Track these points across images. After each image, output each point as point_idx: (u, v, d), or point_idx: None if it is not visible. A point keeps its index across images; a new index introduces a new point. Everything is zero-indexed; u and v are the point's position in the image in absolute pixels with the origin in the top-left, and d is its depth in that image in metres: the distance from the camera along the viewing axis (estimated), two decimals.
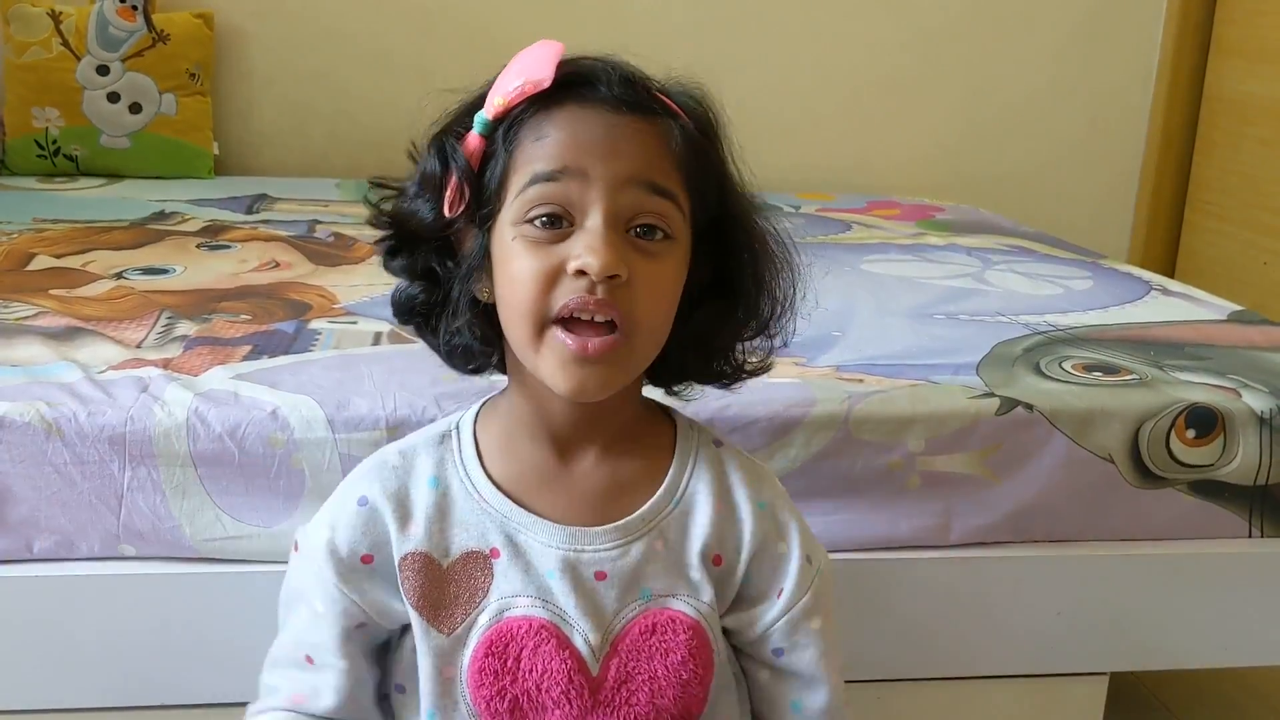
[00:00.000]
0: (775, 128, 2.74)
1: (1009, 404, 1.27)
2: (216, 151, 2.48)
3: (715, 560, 0.90)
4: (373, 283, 1.61)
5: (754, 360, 0.94)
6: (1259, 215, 2.71)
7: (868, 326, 1.54)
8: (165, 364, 1.24)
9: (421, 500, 0.88)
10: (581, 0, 2.66)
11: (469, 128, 0.85)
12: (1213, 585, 1.33)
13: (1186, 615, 1.33)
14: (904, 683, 1.31)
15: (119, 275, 1.61)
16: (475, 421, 0.92)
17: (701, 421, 0.97)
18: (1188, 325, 1.64)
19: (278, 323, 1.41)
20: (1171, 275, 2.82)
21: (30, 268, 1.64)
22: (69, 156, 2.35)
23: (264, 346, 1.31)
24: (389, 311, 0.93)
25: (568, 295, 0.79)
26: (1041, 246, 2.16)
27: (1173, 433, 1.29)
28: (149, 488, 1.12)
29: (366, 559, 0.88)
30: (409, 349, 1.31)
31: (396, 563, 0.87)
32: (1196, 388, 1.34)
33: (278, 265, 1.72)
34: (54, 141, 2.34)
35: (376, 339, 1.36)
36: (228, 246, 1.82)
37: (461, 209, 0.84)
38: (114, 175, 2.37)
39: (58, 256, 1.69)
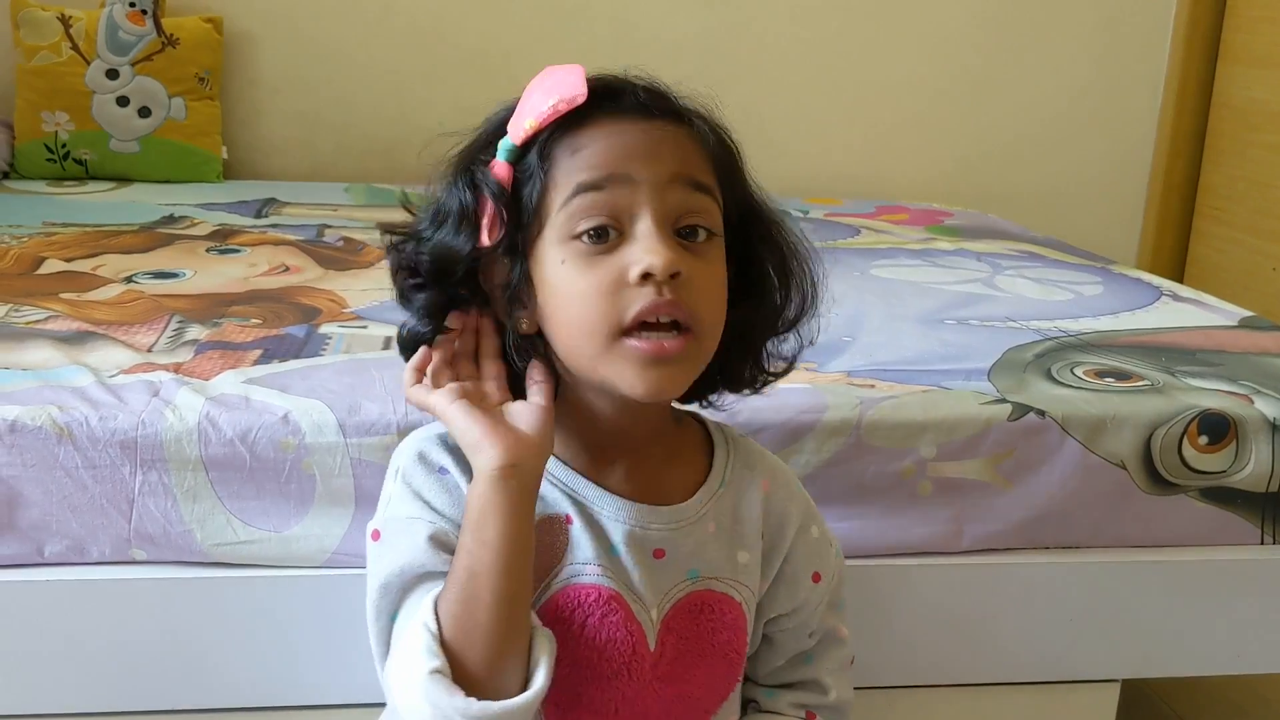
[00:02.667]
0: (782, 136, 2.74)
1: (1021, 410, 1.26)
2: (225, 156, 2.49)
3: (764, 537, 0.93)
4: (382, 287, 1.60)
5: (779, 365, 0.96)
6: (1267, 222, 2.71)
7: (878, 332, 1.53)
8: (176, 368, 1.24)
9: None
10: (588, 9, 2.66)
11: (490, 157, 0.84)
12: (1225, 592, 1.32)
13: (1198, 622, 1.32)
14: (915, 689, 1.30)
15: (129, 279, 1.61)
16: None
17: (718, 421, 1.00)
18: (1199, 331, 1.64)
19: (288, 327, 1.41)
20: (1180, 282, 2.81)
21: (40, 271, 1.64)
22: (78, 160, 2.36)
23: (274, 351, 1.31)
24: (399, 316, 0.92)
25: (638, 302, 0.80)
26: (1051, 252, 2.15)
27: (1185, 439, 1.29)
28: (160, 492, 1.12)
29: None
30: None
31: None
32: (1209, 394, 1.34)
33: (287, 269, 1.72)
34: (63, 145, 2.35)
35: (387, 344, 1.36)
36: (237, 250, 1.83)
37: (500, 235, 0.83)
38: (123, 179, 2.38)
39: (67, 260, 1.69)
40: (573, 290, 0.81)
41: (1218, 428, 1.30)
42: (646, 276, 0.79)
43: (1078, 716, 1.35)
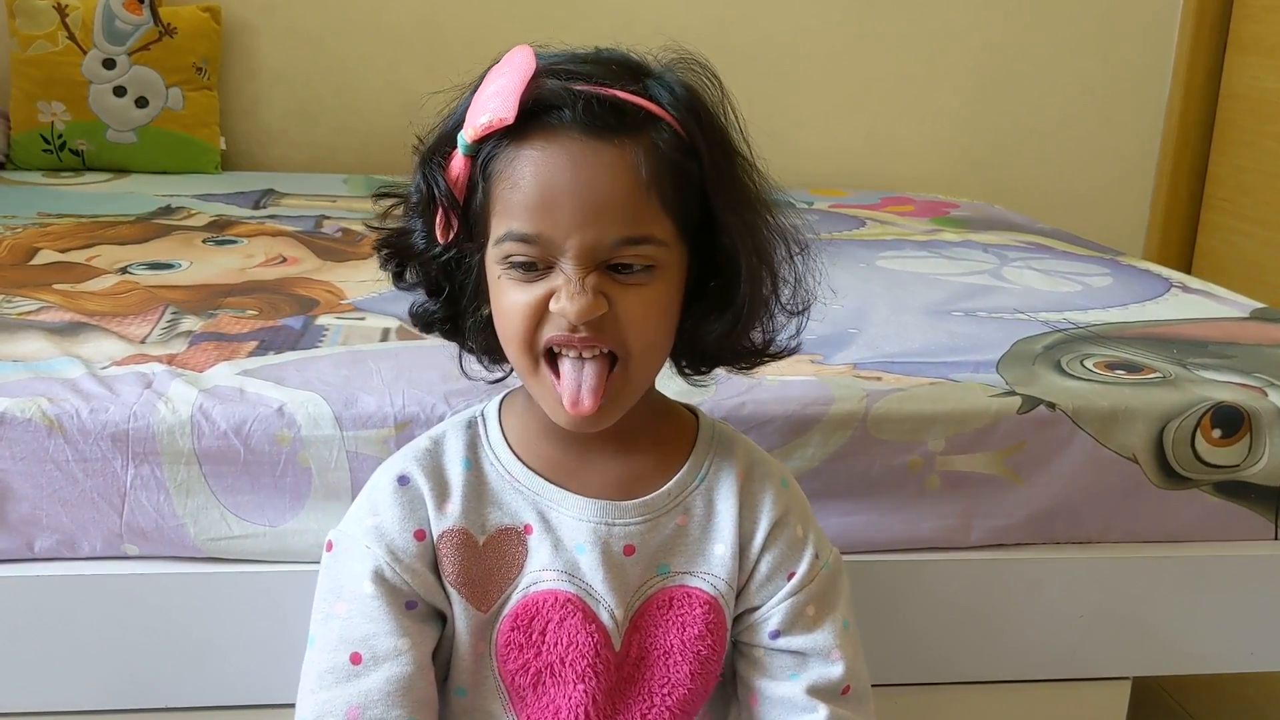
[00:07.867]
0: (787, 127, 2.72)
1: (1031, 402, 1.24)
2: (223, 146, 2.47)
3: (739, 532, 0.91)
4: (380, 278, 1.57)
5: (770, 348, 0.94)
6: (1277, 213, 2.68)
7: (885, 324, 1.51)
8: (170, 360, 1.21)
9: (457, 479, 0.89)
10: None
11: (455, 144, 0.84)
12: (1237, 588, 1.30)
13: (1211, 619, 1.30)
14: (923, 687, 1.28)
15: (124, 270, 1.59)
16: (499, 410, 0.94)
17: (717, 419, 0.97)
18: (1210, 323, 1.61)
19: (284, 318, 1.39)
20: (1189, 274, 2.79)
21: (34, 262, 1.61)
22: (75, 151, 2.33)
23: (270, 342, 1.29)
24: (397, 308, 0.92)
25: (553, 330, 0.81)
26: (1058, 244, 2.13)
27: (1198, 432, 1.26)
28: (153, 486, 1.10)
29: (419, 535, 0.88)
30: (417, 345, 1.29)
31: (435, 540, 0.88)
32: (1222, 386, 1.31)
33: (285, 260, 1.70)
34: (60, 136, 2.33)
35: (385, 335, 1.34)
36: (234, 241, 1.80)
37: (453, 235, 0.85)
38: (120, 170, 2.36)
39: (62, 251, 1.67)
40: (504, 303, 0.83)
41: (1231, 420, 1.27)
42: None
43: (1088, 715, 1.33)
